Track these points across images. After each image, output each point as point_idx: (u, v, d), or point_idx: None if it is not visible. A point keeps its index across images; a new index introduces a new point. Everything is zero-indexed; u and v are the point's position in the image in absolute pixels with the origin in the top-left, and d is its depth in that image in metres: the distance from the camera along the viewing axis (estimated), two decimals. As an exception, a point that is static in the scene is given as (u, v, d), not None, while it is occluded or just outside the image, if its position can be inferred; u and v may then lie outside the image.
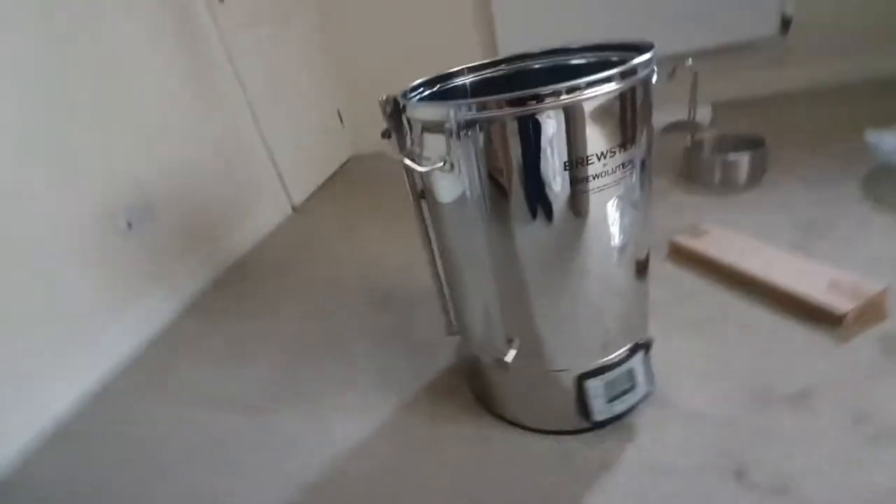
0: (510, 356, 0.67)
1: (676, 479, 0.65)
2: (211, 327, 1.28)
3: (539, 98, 0.52)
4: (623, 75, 0.53)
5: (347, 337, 1.10)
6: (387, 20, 2.22)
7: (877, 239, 1.02)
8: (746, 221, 1.17)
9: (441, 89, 0.76)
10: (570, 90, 0.52)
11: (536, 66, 0.77)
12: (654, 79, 0.61)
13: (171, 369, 1.14)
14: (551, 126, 0.53)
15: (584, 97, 0.52)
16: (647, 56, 0.56)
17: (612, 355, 0.70)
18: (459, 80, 0.78)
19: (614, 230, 0.62)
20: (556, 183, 0.56)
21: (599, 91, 0.53)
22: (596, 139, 0.55)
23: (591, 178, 0.57)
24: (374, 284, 1.29)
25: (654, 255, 1.12)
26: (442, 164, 0.59)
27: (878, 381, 0.72)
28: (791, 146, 1.49)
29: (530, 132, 0.54)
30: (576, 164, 0.56)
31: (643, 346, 0.72)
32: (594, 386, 0.68)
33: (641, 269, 0.70)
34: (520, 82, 0.78)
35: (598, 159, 0.56)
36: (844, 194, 1.19)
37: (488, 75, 0.79)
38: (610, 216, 0.60)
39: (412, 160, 0.63)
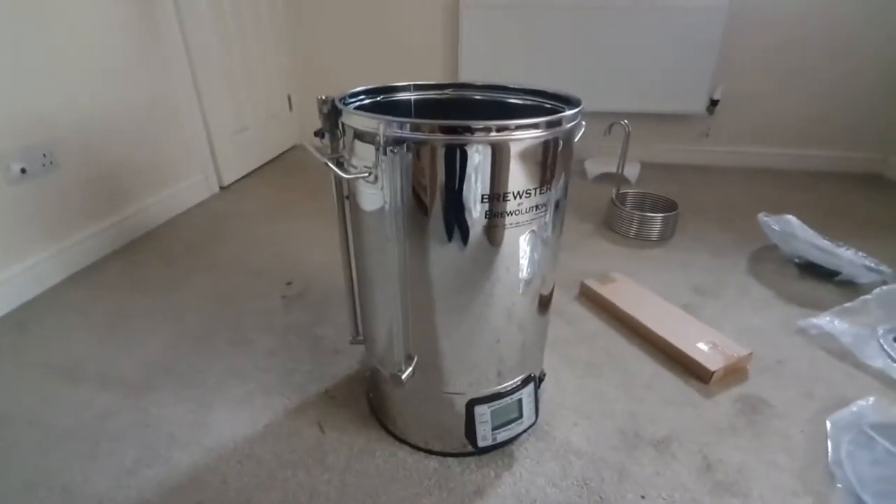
0: (406, 373, 0.67)
1: (543, 509, 0.68)
2: (99, 298, 1.17)
3: (470, 130, 0.54)
4: (549, 124, 0.57)
5: (251, 328, 1.06)
6: (357, 16, 2.21)
7: (750, 309, 1.15)
8: (651, 275, 1.27)
9: (383, 100, 0.77)
10: (500, 129, 0.55)
11: (477, 96, 0.79)
12: (581, 132, 0.65)
13: (42, 337, 1.03)
14: (477, 159, 0.56)
15: (511, 137, 0.55)
16: (574, 111, 0.60)
17: (505, 384, 0.72)
18: (404, 95, 0.79)
19: (523, 263, 0.65)
20: (474, 212, 0.58)
21: (527, 135, 0.56)
22: (517, 178, 0.58)
23: (507, 214, 0.59)
24: (291, 277, 1.25)
25: (567, 293, 1.19)
26: (367, 174, 0.59)
27: (729, 435, 0.80)
28: (700, 214, 1.65)
29: (456, 161, 0.56)
30: (494, 198, 0.58)
31: (535, 379, 0.76)
32: (482, 412, 0.70)
33: (544, 304, 0.73)
34: (460, 109, 0.80)
35: (515, 197, 0.59)
36: (734, 265, 1.34)
37: (432, 96, 0.81)
38: (521, 250, 0.63)
39: (339, 165, 0.63)
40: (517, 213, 0.60)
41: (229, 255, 1.38)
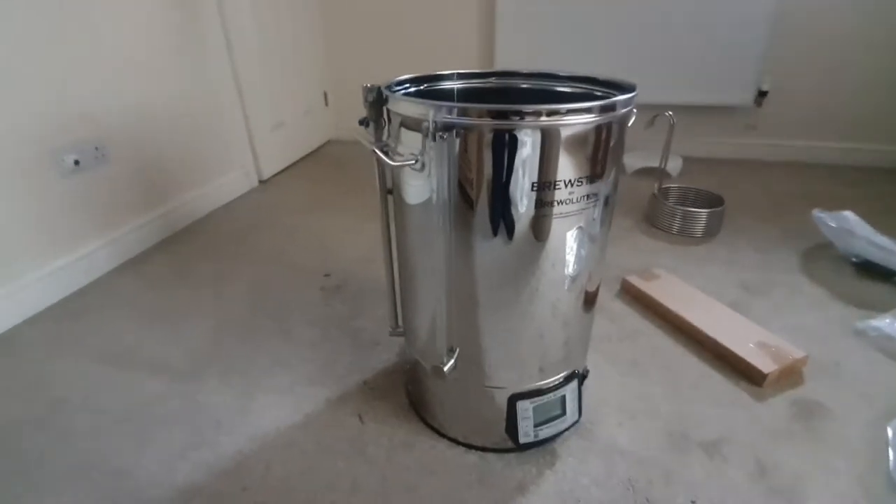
0: (448, 365, 0.67)
1: (587, 509, 0.67)
2: (148, 287, 1.22)
3: (520, 114, 0.53)
4: (603, 109, 0.55)
5: (292, 318, 1.08)
6: (391, 10, 2.21)
7: (804, 309, 1.09)
8: (695, 272, 1.22)
9: (427, 89, 0.76)
10: (551, 113, 0.53)
11: (524, 84, 0.78)
12: (632, 120, 0.63)
13: (94, 324, 1.07)
14: (527, 145, 0.54)
15: (562, 122, 0.53)
16: (628, 95, 0.57)
17: (548, 380, 0.71)
18: (447, 84, 0.78)
19: (570, 258, 0.63)
20: (522, 202, 0.57)
21: (578, 119, 0.54)
22: (567, 166, 0.56)
23: (556, 203, 0.58)
24: (330, 270, 1.27)
25: (607, 290, 1.16)
26: (414, 161, 0.59)
27: (784, 440, 0.76)
28: (747, 210, 1.58)
29: (505, 147, 0.54)
30: (544, 186, 0.56)
31: (578, 376, 0.74)
32: (524, 408, 0.69)
33: (590, 300, 0.71)
34: (505, 97, 0.79)
35: (566, 186, 0.57)
36: (784, 263, 1.27)
37: (476, 85, 0.79)
38: (568, 244, 0.61)
39: (385, 153, 0.62)
40: (567, 202, 0.58)
41: (269, 247, 1.41)
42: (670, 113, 1.43)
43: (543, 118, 0.53)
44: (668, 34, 1.91)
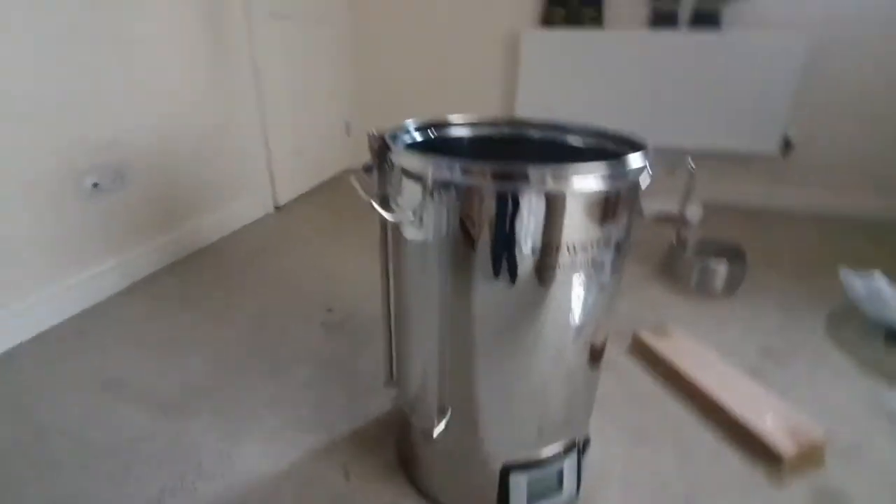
0: (439, 428, 0.63)
1: None
2: (151, 311, 1.21)
3: (525, 177, 0.50)
4: (614, 175, 0.52)
5: (291, 354, 1.05)
6: (417, 47, 2.25)
7: (829, 379, 1.02)
8: (713, 332, 1.16)
9: (435, 136, 0.74)
10: (557, 176, 0.50)
11: (534, 135, 0.76)
12: (646, 181, 0.60)
13: (93, 348, 1.07)
14: (530, 209, 0.52)
15: (570, 188, 0.51)
16: (639, 157, 0.55)
17: (546, 448, 0.66)
18: (458, 131, 0.77)
19: (576, 307, 0.59)
20: (524, 263, 0.54)
21: (586, 185, 0.51)
22: (574, 229, 0.53)
23: (558, 265, 0.55)
24: (335, 303, 1.25)
25: (616, 344, 1.11)
26: (412, 215, 0.57)
27: (805, 535, 0.70)
28: (770, 265, 1.51)
29: (507, 209, 0.52)
30: (546, 250, 0.54)
31: (579, 446, 0.69)
32: (518, 482, 0.64)
33: (596, 356, 0.67)
34: (514, 149, 0.77)
35: (569, 252, 0.54)
36: (809, 327, 1.20)
37: (486, 133, 0.78)
38: (574, 292, 0.58)
39: (385, 201, 0.61)
40: (570, 261, 0.55)
41: (277, 275, 1.40)
42: (691, 163, 1.40)
43: (549, 182, 0.50)
44: (694, 79, 1.89)
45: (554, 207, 0.52)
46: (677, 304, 1.30)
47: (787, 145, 1.93)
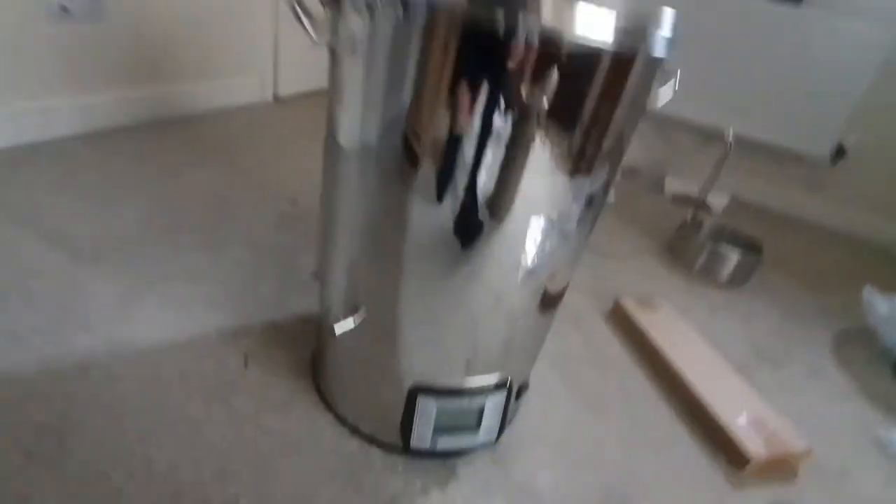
0: (343, 325, 0.51)
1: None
2: (101, 163, 1.09)
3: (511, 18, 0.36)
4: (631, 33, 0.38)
5: (231, 235, 0.94)
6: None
7: (823, 395, 0.89)
8: (706, 319, 1.03)
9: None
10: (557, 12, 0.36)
11: None
12: (666, 86, 0.46)
13: (22, 184, 0.96)
14: (511, 58, 0.37)
15: (567, 43, 0.37)
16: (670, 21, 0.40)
17: (468, 379, 0.55)
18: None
19: (530, 248, 0.47)
20: (482, 153, 0.41)
21: (589, 42, 0.37)
22: (557, 113, 0.39)
23: (525, 171, 0.41)
24: (304, 200, 1.12)
25: (596, 307, 0.99)
26: (346, 41, 0.42)
27: (750, 549, 0.59)
28: (787, 270, 1.36)
29: (478, 57, 0.38)
30: (515, 137, 0.40)
31: (511, 388, 0.58)
32: (427, 406, 0.53)
33: (549, 303, 0.55)
34: None
35: (543, 144, 0.40)
36: (812, 337, 1.07)
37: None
38: (531, 231, 0.46)
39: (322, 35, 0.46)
40: (540, 172, 0.42)
41: (254, 162, 1.27)
42: (730, 136, 1.23)
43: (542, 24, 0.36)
44: (756, 54, 1.66)
45: (540, 69, 0.37)
46: (674, 283, 1.16)
47: (839, 152, 1.73)
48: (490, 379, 0.55)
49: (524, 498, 0.57)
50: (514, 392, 0.58)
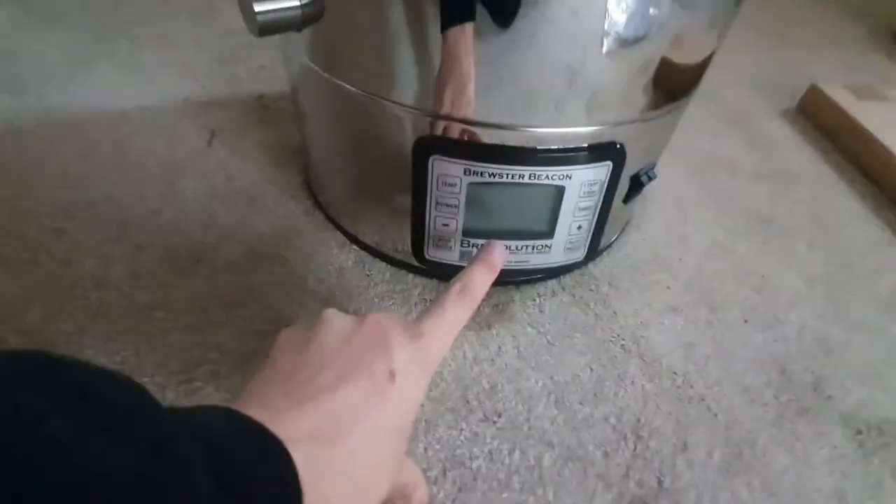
0: None
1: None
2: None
3: None
4: None
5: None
6: None
7: None
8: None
9: None
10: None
11: None
12: None
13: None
14: None
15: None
16: None
17: (530, 131, 0.27)
18: None
19: None
20: None
21: None
22: None
23: None
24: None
25: (772, 100, 0.63)
26: None
27: None
28: None
29: None
30: None
31: (620, 159, 0.29)
32: (449, 174, 0.27)
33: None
34: None
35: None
36: None
37: None
38: None
39: None
40: None
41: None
42: None
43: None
44: None
45: None
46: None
47: None
48: (574, 132, 0.27)
49: (649, 368, 0.33)
50: (635, 179, 0.30)
